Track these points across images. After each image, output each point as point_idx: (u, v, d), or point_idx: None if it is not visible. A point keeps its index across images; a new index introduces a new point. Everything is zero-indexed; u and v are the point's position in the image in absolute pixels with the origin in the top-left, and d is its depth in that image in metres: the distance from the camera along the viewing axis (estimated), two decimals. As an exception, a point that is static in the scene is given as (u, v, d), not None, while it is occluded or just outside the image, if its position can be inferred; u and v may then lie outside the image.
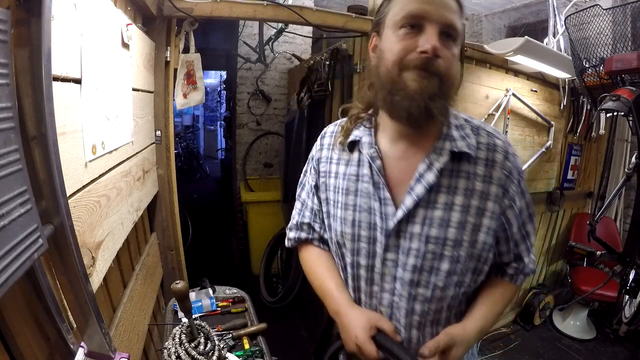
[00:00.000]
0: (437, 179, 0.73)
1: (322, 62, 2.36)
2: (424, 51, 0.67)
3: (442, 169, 0.73)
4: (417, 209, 0.74)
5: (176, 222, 1.90)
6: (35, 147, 0.63)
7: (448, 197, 0.73)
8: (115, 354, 0.83)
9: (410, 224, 0.75)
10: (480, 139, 0.76)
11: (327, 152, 0.88)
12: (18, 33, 0.58)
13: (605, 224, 2.95)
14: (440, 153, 0.73)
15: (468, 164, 0.74)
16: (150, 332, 1.53)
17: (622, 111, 1.48)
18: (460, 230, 0.73)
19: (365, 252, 0.80)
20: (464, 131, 0.76)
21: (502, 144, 0.76)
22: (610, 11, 1.67)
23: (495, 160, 0.75)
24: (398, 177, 0.77)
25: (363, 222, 0.79)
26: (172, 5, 1.60)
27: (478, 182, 0.74)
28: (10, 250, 0.52)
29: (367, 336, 0.74)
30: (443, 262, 0.74)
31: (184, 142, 7.63)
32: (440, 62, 0.68)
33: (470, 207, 0.73)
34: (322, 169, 0.88)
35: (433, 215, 0.74)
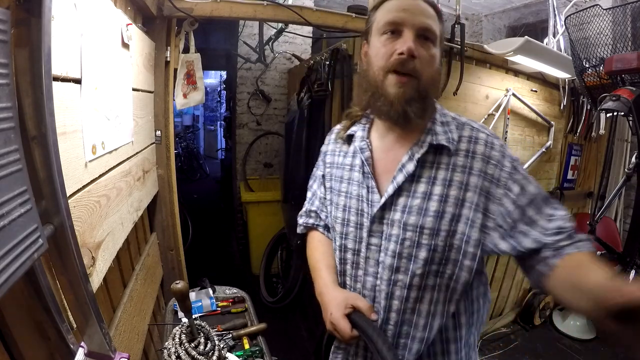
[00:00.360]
0: (417, 169, 0.78)
1: (322, 62, 2.36)
2: (400, 52, 0.74)
3: (424, 161, 0.79)
4: (398, 197, 0.80)
5: (176, 222, 1.90)
6: (35, 147, 0.63)
7: (427, 187, 0.78)
8: (115, 354, 0.83)
9: (393, 211, 0.80)
10: (463, 132, 0.80)
11: (333, 145, 0.98)
12: (18, 33, 0.58)
13: (605, 224, 2.94)
14: (422, 146, 0.79)
15: (448, 156, 0.78)
16: (150, 332, 1.53)
17: (622, 111, 1.48)
18: (437, 220, 0.76)
19: (352, 236, 0.86)
20: (448, 127, 0.81)
21: (485, 136, 0.79)
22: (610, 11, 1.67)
23: (476, 152, 0.78)
24: (384, 168, 0.84)
25: (352, 208, 0.86)
26: (172, 5, 1.60)
27: (457, 173, 0.77)
28: (10, 250, 0.52)
29: (341, 314, 0.79)
30: (420, 250, 0.77)
31: (184, 142, 7.63)
32: (417, 62, 0.75)
33: (449, 197, 0.77)
34: (328, 160, 0.97)
35: (412, 204, 0.78)
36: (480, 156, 0.77)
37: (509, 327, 2.91)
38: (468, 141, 0.79)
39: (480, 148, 0.78)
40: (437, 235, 0.77)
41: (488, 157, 0.77)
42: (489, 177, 0.76)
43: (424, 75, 0.76)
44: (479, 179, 0.76)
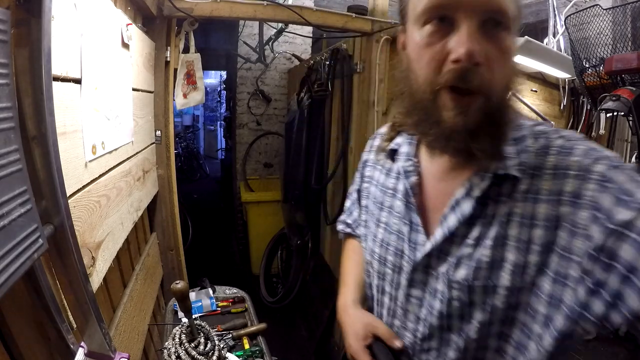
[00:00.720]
0: (476, 208, 0.55)
1: (322, 62, 2.36)
2: (456, 59, 0.48)
3: (485, 196, 0.55)
4: (449, 244, 0.58)
5: (176, 222, 1.90)
6: (35, 147, 0.63)
7: (482, 228, 0.55)
8: (115, 354, 0.83)
9: (439, 259, 0.60)
10: (553, 142, 0.53)
11: (375, 155, 0.78)
12: (18, 33, 0.58)
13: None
14: (483, 177, 0.55)
15: (513, 184, 0.54)
16: (150, 332, 1.53)
17: (622, 111, 1.48)
18: (491, 271, 0.54)
19: (390, 279, 0.68)
20: (522, 144, 0.55)
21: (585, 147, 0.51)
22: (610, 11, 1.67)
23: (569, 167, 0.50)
24: (435, 199, 0.63)
25: (391, 245, 0.68)
26: (172, 5, 1.60)
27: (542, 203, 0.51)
28: (10, 250, 0.52)
29: (361, 346, 0.69)
30: (476, 311, 0.57)
31: (184, 142, 7.63)
32: (484, 70, 0.48)
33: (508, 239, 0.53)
34: (367, 173, 0.80)
35: (462, 253, 0.57)
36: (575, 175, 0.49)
37: (509, 327, 2.91)
38: (558, 153, 0.52)
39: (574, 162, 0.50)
40: (493, 294, 0.54)
41: (566, 168, 0.50)
42: (566, 198, 0.49)
43: (496, 88, 0.50)
44: (552, 205, 0.50)
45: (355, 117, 2.05)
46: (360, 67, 1.94)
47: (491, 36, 0.49)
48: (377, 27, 1.83)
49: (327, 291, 2.42)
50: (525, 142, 0.55)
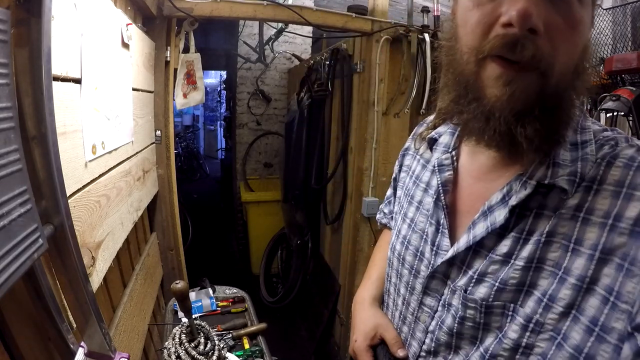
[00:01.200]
0: (510, 220, 0.47)
1: (322, 62, 2.36)
2: (507, 23, 0.40)
3: (523, 206, 0.47)
4: (474, 256, 0.51)
5: (176, 222, 1.90)
6: (35, 147, 0.63)
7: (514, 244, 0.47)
8: (115, 354, 0.83)
9: (462, 272, 0.53)
10: (619, 153, 0.44)
11: (419, 143, 0.70)
12: (18, 33, 0.58)
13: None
14: (526, 183, 0.46)
15: (561, 198, 0.45)
16: (150, 332, 1.53)
17: (622, 111, 1.49)
18: (543, 309, 0.44)
19: (405, 281, 0.63)
20: (583, 151, 0.46)
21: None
22: (610, 11, 1.67)
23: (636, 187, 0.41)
24: (468, 201, 0.55)
25: (412, 245, 0.62)
26: (172, 5, 1.60)
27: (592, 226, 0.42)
28: (10, 250, 0.52)
29: (366, 345, 0.67)
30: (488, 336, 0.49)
31: (184, 142, 7.63)
32: (541, 41, 0.40)
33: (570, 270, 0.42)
34: (406, 162, 0.74)
35: (486, 269, 0.49)
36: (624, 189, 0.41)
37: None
38: (625, 168, 0.43)
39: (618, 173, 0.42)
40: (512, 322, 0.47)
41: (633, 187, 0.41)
42: (625, 225, 0.40)
43: (557, 65, 0.41)
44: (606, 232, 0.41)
45: (355, 117, 2.05)
46: (360, 67, 1.94)
47: (554, 3, 0.40)
48: (377, 27, 1.83)
49: (327, 291, 2.42)
50: (586, 149, 0.46)
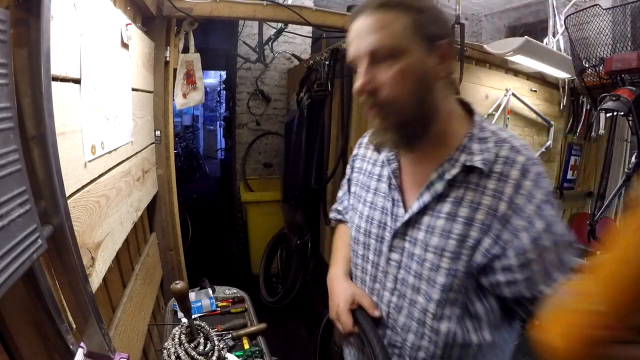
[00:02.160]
0: (445, 189, 0.71)
1: (321, 62, 2.36)
2: (355, 92, 0.69)
3: (453, 180, 0.71)
4: (423, 215, 0.74)
5: (176, 222, 1.90)
6: (34, 147, 0.62)
7: (453, 207, 0.70)
8: (114, 354, 0.83)
9: (416, 229, 0.75)
10: (500, 151, 0.69)
11: (364, 150, 0.94)
12: (17, 33, 0.58)
13: (605, 224, 2.95)
14: (454, 165, 0.70)
15: (479, 177, 0.69)
16: (150, 333, 1.53)
17: (622, 111, 1.48)
18: (460, 243, 0.69)
19: (373, 249, 0.83)
20: (485, 144, 0.70)
21: (523, 160, 0.68)
22: (610, 11, 1.67)
23: (510, 176, 0.67)
24: (412, 182, 0.79)
25: (375, 219, 0.83)
26: (171, 5, 1.60)
27: (487, 197, 0.68)
28: (9, 251, 0.51)
29: (347, 308, 0.82)
30: (439, 275, 0.71)
31: (183, 142, 7.62)
32: (381, 91, 0.66)
33: (474, 221, 0.68)
34: (357, 165, 0.95)
35: (435, 224, 0.72)
36: (513, 181, 0.67)
37: (509, 327, 2.91)
38: (504, 162, 0.68)
39: (515, 173, 0.67)
40: (457, 259, 0.69)
41: (519, 184, 0.66)
42: (512, 206, 0.66)
43: (398, 99, 0.67)
44: (507, 207, 0.66)
45: (355, 117, 2.05)
46: (360, 67, 1.93)
47: (382, 68, 0.66)
48: (377, 27, 1.83)
49: (327, 291, 2.41)
50: (488, 144, 0.70)
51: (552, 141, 2.63)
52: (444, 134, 0.73)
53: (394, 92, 0.66)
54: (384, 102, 0.67)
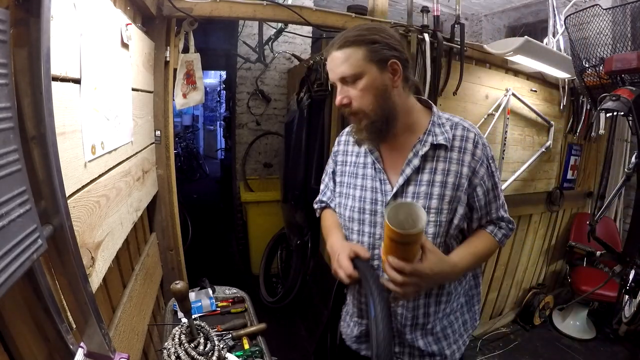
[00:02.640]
0: (421, 163, 0.96)
1: (321, 62, 2.36)
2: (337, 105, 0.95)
3: (426, 156, 0.96)
4: (407, 186, 0.97)
5: (176, 222, 1.90)
6: (34, 147, 0.62)
7: (430, 176, 0.96)
8: (114, 354, 0.83)
9: (403, 197, 0.98)
10: (456, 132, 0.97)
11: (344, 146, 1.14)
12: (17, 33, 0.58)
13: (605, 224, 2.95)
14: (424, 144, 0.96)
15: (445, 151, 0.96)
16: (150, 333, 1.53)
17: (622, 111, 1.48)
18: (440, 201, 0.95)
19: (368, 222, 1.03)
20: (444, 128, 0.97)
21: (473, 135, 0.97)
22: (610, 11, 1.67)
23: (467, 148, 0.96)
24: (392, 164, 1.01)
25: (367, 198, 1.03)
26: (171, 5, 1.60)
27: (453, 165, 0.95)
28: (9, 251, 0.51)
29: (346, 256, 0.97)
30: (429, 227, 0.96)
31: (183, 142, 7.63)
32: (352, 104, 0.92)
33: (447, 183, 0.95)
34: (340, 159, 1.14)
35: (419, 190, 0.96)
36: (470, 152, 0.95)
37: (509, 327, 2.92)
38: (460, 139, 0.96)
39: (470, 145, 0.96)
40: (440, 213, 0.95)
41: (473, 154, 0.96)
42: (472, 169, 0.96)
43: (364, 108, 0.92)
44: (468, 169, 0.95)
45: (355, 117, 2.05)
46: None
47: (351, 87, 0.92)
48: (377, 27, 1.83)
49: (327, 291, 2.42)
50: (446, 127, 0.98)
51: (552, 141, 2.63)
52: (410, 125, 0.98)
53: (360, 104, 0.92)
54: (356, 110, 0.93)
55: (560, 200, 2.84)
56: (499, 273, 2.71)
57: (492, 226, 1.04)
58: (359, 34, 0.90)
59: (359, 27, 0.93)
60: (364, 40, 0.89)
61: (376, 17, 1.87)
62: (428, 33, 1.82)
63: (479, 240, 1.03)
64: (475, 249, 1.01)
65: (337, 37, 0.93)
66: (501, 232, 1.04)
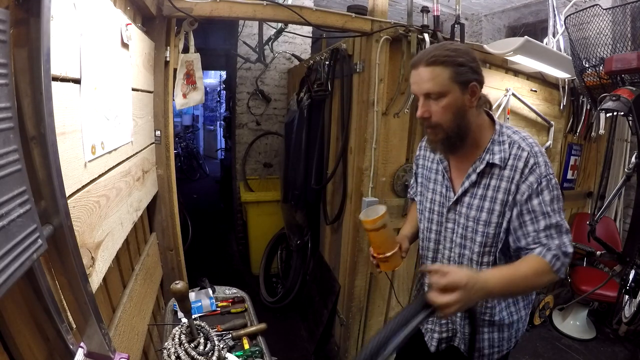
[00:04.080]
0: (478, 178, 1.07)
1: (321, 62, 2.36)
2: (418, 117, 1.04)
3: (482, 172, 1.06)
4: (464, 196, 1.10)
5: (176, 222, 1.90)
6: (34, 147, 0.62)
7: (483, 191, 1.06)
8: (114, 354, 0.83)
9: (460, 205, 1.11)
10: (512, 151, 1.03)
11: (424, 151, 1.28)
12: (17, 33, 0.58)
13: (605, 224, 2.95)
14: (482, 162, 1.06)
15: (499, 169, 1.04)
16: (150, 333, 1.53)
17: (622, 111, 1.48)
18: (489, 214, 1.05)
19: (436, 221, 1.20)
20: (503, 146, 1.04)
21: (526, 155, 1.01)
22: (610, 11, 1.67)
23: (518, 167, 1.01)
24: (457, 173, 1.14)
25: (436, 201, 1.19)
26: (171, 5, 1.60)
27: (503, 182, 1.03)
28: (9, 251, 0.51)
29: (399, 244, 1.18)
30: (477, 235, 1.08)
31: (183, 142, 7.63)
32: (432, 118, 1.01)
33: (497, 199, 1.04)
34: (420, 163, 1.29)
35: (472, 202, 1.08)
36: (519, 170, 1.01)
37: (509, 327, 2.91)
38: (514, 158, 1.02)
39: (520, 164, 1.01)
40: (489, 225, 1.05)
41: (522, 172, 1.01)
42: (519, 187, 1.01)
43: (443, 123, 1.01)
44: (515, 187, 1.01)
45: (355, 117, 2.05)
46: (360, 67, 1.94)
47: (433, 103, 1.00)
48: (377, 27, 1.83)
49: (327, 291, 2.42)
50: (505, 146, 1.05)
51: (552, 141, 2.63)
52: (476, 141, 1.06)
53: (440, 119, 1.00)
54: (434, 124, 1.02)
55: (560, 200, 2.83)
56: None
57: (541, 248, 0.97)
58: (447, 54, 0.96)
59: (446, 46, 0.99)
60: (452, 62, 0.96)
61: (376, 17, 1.87)
62: (428, 33, 1.82)
63: (522, 260, 0.99)
64: (513, 267, 0.97)
65: (425, 52, 0.99)
66: (551, 253, 0.96)
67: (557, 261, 0.96)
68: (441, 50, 0.98)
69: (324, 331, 2.35)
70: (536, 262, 0.96)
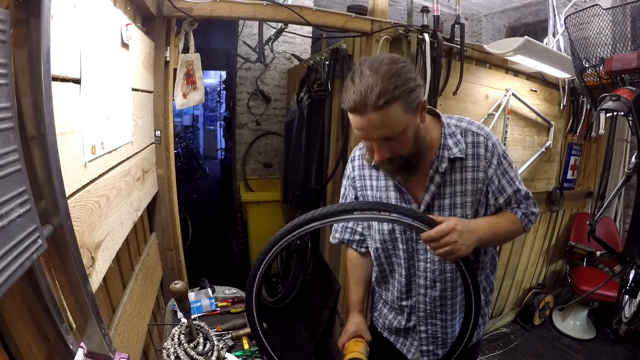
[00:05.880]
0: (441, 178, 1.00)
1: (321, 62, 2.36)
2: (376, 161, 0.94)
3: (444, 170, 0.99)
4: (433, 201, 1.02)
5: (176, 222, 1.90)
6: (34, 147, 0.62)
7: (451, 188, 1.01)
8: (114, 354, 0.83)
9: (430, 212, 1.02)
10: (467, 139, 1.00)
11: (359, 171, 1.13)
12: (17, 33, 0.58)
13: (605, 224, 2.95)
14: (442, 160, 0.99)
15: (461, 162, 1.00)
16: (150, 332, 1.53)
17: (622, 111, 1.48)
18: (463, 209, 1.01)
19: (401, 239, 1.08)
20: (456, 138, 1.00)
21: (482, 139, 1.00)
22: (610, 11, 1.67)
23: (479, 154, 1.00)
24: (414, 183, 1.03)
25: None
26: (171, 5, 1.60)
27: (468, 172, 1.00)
28: (9, 251, 0.51)
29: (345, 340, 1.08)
30: None
31: (183, 142, 7.63)
32: (391, 154, 0.91)
33: (467, 191, 1.00)
34: (358, 185, 1.14)
35: (444, 203, 1.01)
36: (482, 157, 1.00)
37: (509, 327, 2.92)
38: (472, 146, 0.99)
39: (481, 151, 1.00)
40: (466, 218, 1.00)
41: (485, 157, 1.00)
42: (485, 172, 1.00)
43: (403, 153, 0.92)
44: (483, 174, 1.00)
45: (355, 117, 2.05)
46: (360, 67, 1.93)
47: (392, 142, 0.89)
48: (377, 26, 1.83)
49: (327, 291, 2.42)
50: (457, 137, 1.00)
51: (552, 141, 2.63)
52: (428, 143, 0.97)
53: (400, 152, 0.92)
54: (396, 156, 0.92)
55: (560, 200, 2.84)
56: (499, 273, 2.70)
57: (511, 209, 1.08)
58: (394, 84, 0.80)
59: (386, 70, 0.81)
60: (402, 92, 0.81)
61: (376, 17, 1.87)
62: (428, 33, 1.82)
63: (499, 213, 1.07)
64: (494, 216, 1.06)
65: (367, 90, 0.80)
66: (520, 211, 1.07)
67: (525, 218, 1.08)
68: (384, 80, 0.80)
69: (324, 331, 2.35)
70: (510, 215, 1.07)
